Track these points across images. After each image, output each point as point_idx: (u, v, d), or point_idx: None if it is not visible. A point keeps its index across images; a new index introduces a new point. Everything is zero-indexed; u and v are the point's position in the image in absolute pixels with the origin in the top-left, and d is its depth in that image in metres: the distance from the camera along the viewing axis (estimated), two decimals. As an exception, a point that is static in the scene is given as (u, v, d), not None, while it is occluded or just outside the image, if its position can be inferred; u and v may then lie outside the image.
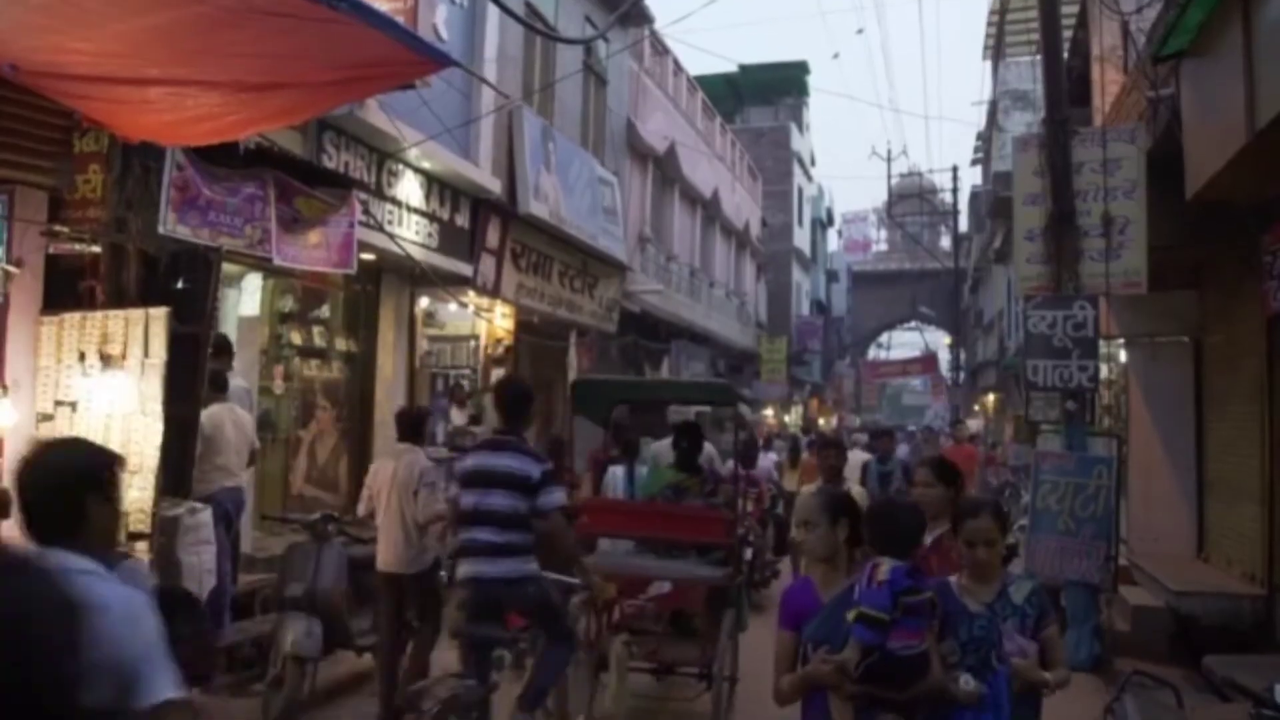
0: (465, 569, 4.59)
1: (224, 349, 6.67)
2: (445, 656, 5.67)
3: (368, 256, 8.17)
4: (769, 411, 27.45)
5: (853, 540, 2.98)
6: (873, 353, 46.78)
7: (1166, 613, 7.38)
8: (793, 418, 30.53)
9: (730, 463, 7.08)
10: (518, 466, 4.56)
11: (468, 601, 4.59)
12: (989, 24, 24.65)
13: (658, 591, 6.04)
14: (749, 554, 6.85)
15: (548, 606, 4.82)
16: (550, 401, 13.59)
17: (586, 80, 13.57)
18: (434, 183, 9.38)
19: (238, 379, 6.71)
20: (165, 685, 1.86)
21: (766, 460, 12.25)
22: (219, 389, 6.20)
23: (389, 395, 9.52)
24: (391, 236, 8.28)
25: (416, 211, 9.10)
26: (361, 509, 6.08)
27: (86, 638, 1.52)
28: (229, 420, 6.28)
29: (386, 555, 5.77)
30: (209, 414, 5.97)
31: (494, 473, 4.58)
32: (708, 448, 7.50)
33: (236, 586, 6.57)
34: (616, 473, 7.33)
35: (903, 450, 16.66)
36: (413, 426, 6.10)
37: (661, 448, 7.93)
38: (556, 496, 4.65)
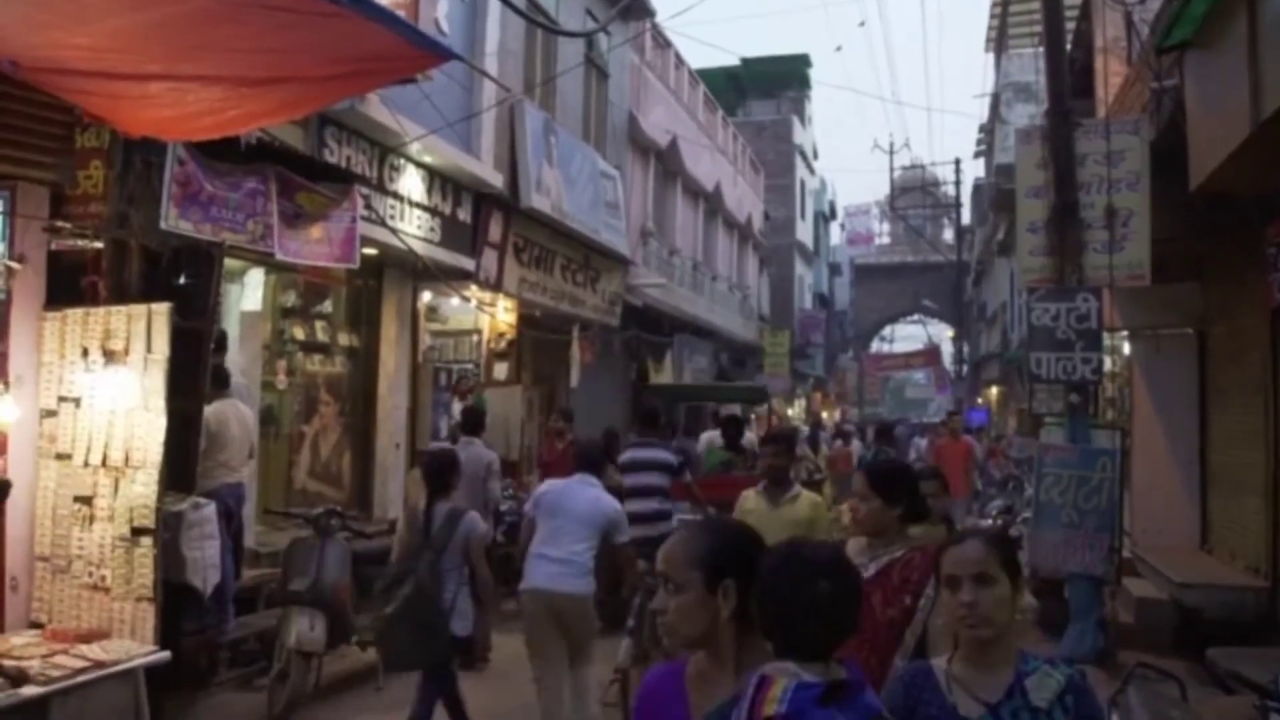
0: (635, 532, 5.64)
1: (219, 344, 6.71)
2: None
3: (370, 251, 8.17)
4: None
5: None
6: (876, 346, 46.80)
7: (1170, 605, 7.38)
8: (795, 411, 30.52)
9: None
10: (661, 456, 7.07)
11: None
12: (991, 15, 24.58)
13: None
14: None
15: None
16: (553, 395, 13.60)
17: (588, 74, 13.55)
18: (436, 177, 9.37)
19: (237, 375, 6.72)
20: None
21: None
22: (221, 384, 6.21)
23: (391, 390, 9.53)
24: (394, 231, 8.28)
25: (418, 206, 9.09)
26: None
27: None
28: (233, 416, 6.29)
29: None
30: (214, 410, 5.98)
31: (646, 461, 6.96)
32: (748, 434, 10.01)
33: (240, 581, 6.58)
34: None
35: (920, 445, 16.48)
36: (472, 422, 7.31)
37: (713, 435, 10.33)
38: (687, 474, 7.22)
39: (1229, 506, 8.17)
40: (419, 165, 9.05)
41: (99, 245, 5.42)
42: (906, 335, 47.17)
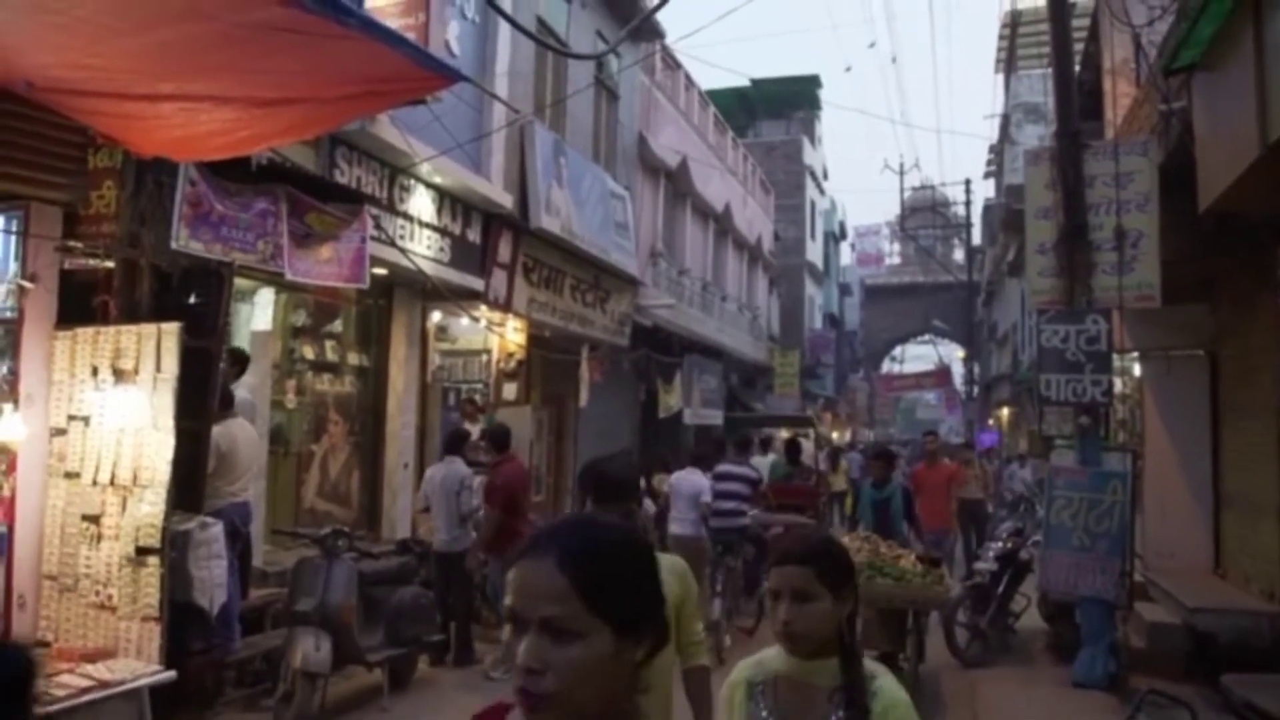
0: (720, 523, 8.87)
1: (240, 360, 6.77)
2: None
3: (380, 271, 8.20)
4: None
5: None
6: (886, 366, 46.70)
7: (1183, 630, 7.29)
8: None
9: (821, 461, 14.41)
10: (748, 473, 9.47)
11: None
12: (1000, 37, 24.64)
13: (775, 532, 9.37)
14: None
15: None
16: (562, 415, 13.59)
17: (598, 95, 13.63)
18: (445, 197, 9.42)
19: (242, 391, 6.74)
20: None
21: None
22: (226, 405, 6.24)
23: (400, 409, 9.54)
24: (403, 251, 8.32)
25: (428, 226, 9.13)
26: (419, 504, 8.36)
27: None
28: (241, 436, 6.31)
29: (437, 539, 7.65)
30: (221, 429, 5.99)
31: (735, 475, 9.27)
32: (806, 448, 13.61)
33: (246, 601, 6.58)
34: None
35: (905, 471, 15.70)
36: (452, 443, 8.09)
37: (779, 457, 13.56)
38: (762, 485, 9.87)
39: (1243, 530, 8.09)
40: (429, 186, 9.10)
41: (110, 265, 5.47)
42: (917, 355, 47.09)
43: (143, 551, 4.90)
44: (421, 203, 9.01)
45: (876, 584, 6.40)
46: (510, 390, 11.43)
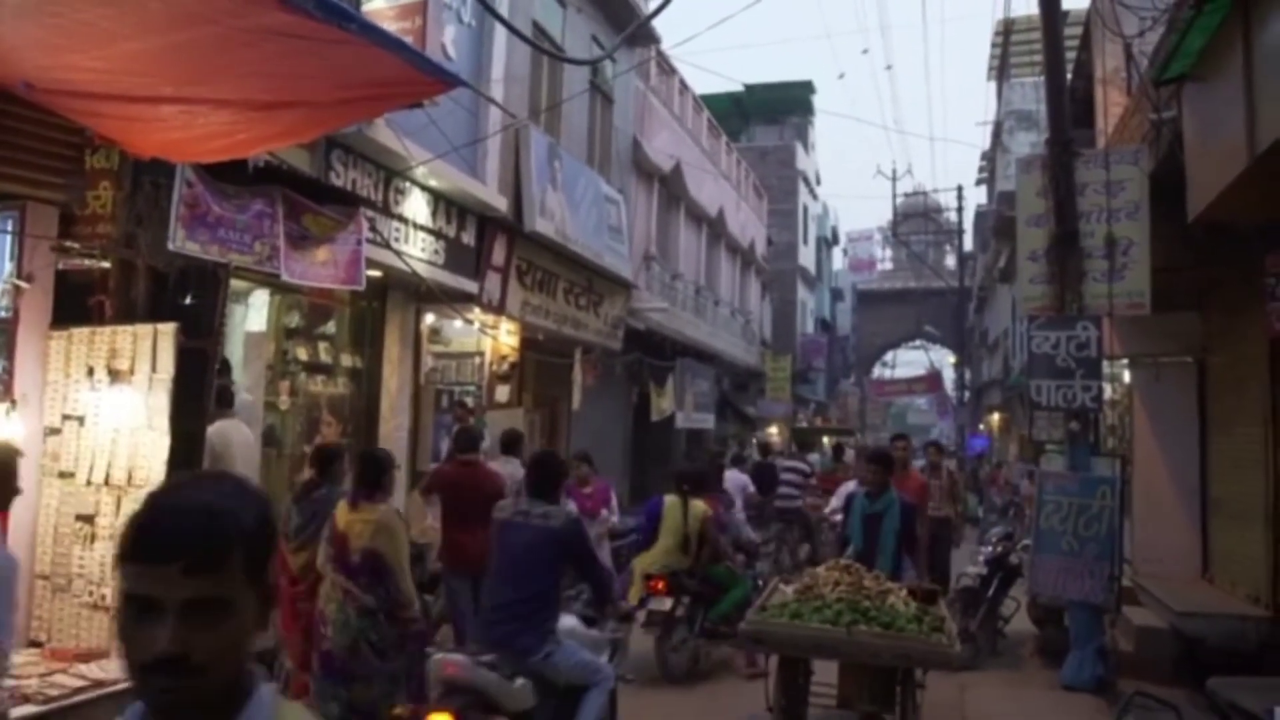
0: (781, 504, 12.47)
1: (222, 367, 6.75)
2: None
3: (374, 273, 8.21)
4: (774, 430, 27.43)
5: None
6: (878, 371, 46.78)
7: (1171, 634, 7.35)
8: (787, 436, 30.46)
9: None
10: (803, 466, 13.97)
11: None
12: (993, 45, 24.78)
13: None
14: None
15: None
16: (555, 418, 13.61)
17: (593, 99, 13.66)
18: (441, 200, 9.44)
19: (244, 394, 6.75)
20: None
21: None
22: (225, 404, 6.24)
23: (394, 411, 9.55)
24: (398, 253, 8.33)
25: (423, 229, 9.15)
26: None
27: None
28: (236, 437, 6.32)
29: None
30: (218, 430, 6.00)
31: (794, 468, 13.67)
32: (848, 454, 16.90)
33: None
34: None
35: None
36: (511, 442, 8.12)
37: (825, 456, 17.81)
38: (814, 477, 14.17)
39: (1230, 535, 8.16)
40: (424, 189, 9.11)
41: (106, 265, 5.47)
42: (908, 361, 47.22)
43: (137, 551, 4.90)
44: (416, 205, 9.02)
45: (858, 634, 4.90)
46: (503, 393, 11.44)
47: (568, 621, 4.62)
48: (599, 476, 8.98)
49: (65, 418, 5.26)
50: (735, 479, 11.17)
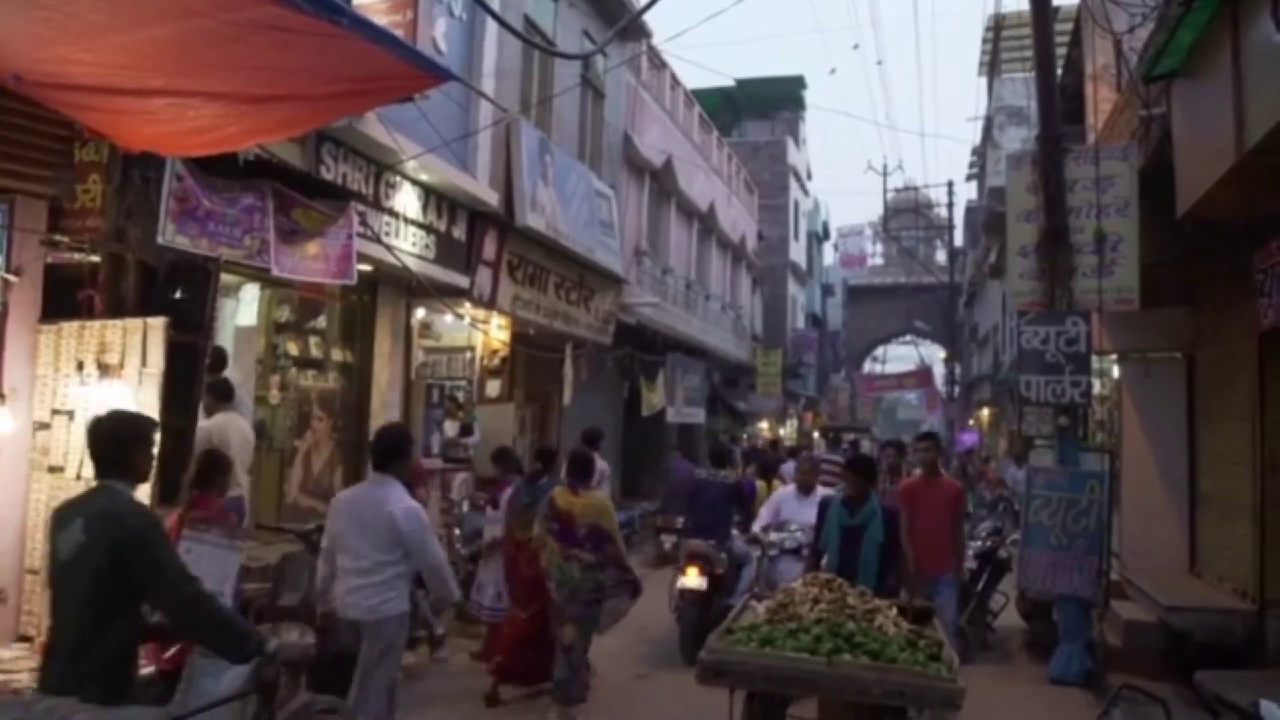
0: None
1: (218, 361, 6.73)
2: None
3: (364, 267, 8.19)
4: (764, 425, 27.49)
5: None
6: (868, 366, 46.90)
7: (1159, 628, 7.40)
8: (787, 430, 30.56)
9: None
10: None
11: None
12: (984, 40, 24.81)
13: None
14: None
15: None
16: (546, 413, 13.61)
17: (584, 93, 13.64)
18: (431, 195, 9.41)
19: (239, 390, 6.74)
20: None
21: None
22: (225, 398, 6.22)
23: (384, 406, 9.53)
24: (389, 248, 8.31)
25: (414, 223, 9.13)
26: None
27: None
28: (234, 430, 6.30)
29: None
30: (216, 424, 5.99)
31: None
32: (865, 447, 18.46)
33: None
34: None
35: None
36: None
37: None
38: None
39: (1217, 530, 8.21)
40: (415, 183, 9.09)
41: (96, 259, 5.45)
42: (899, 356, 47.29)
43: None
44: (407, 199, 9.00)
45: (841, 665, 3.90)
46: (494, 387, 11.44)
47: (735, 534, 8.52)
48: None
49: (55, 412, 5.24)
50: (788, 470, 12.78)
